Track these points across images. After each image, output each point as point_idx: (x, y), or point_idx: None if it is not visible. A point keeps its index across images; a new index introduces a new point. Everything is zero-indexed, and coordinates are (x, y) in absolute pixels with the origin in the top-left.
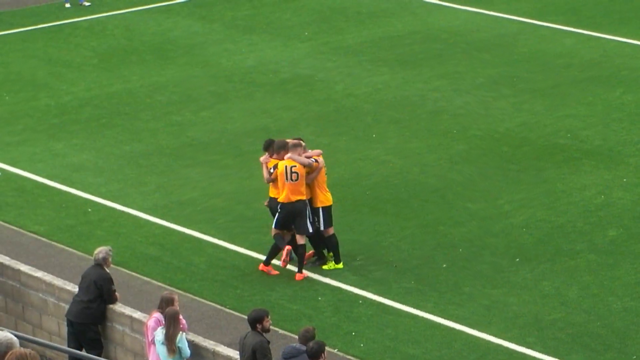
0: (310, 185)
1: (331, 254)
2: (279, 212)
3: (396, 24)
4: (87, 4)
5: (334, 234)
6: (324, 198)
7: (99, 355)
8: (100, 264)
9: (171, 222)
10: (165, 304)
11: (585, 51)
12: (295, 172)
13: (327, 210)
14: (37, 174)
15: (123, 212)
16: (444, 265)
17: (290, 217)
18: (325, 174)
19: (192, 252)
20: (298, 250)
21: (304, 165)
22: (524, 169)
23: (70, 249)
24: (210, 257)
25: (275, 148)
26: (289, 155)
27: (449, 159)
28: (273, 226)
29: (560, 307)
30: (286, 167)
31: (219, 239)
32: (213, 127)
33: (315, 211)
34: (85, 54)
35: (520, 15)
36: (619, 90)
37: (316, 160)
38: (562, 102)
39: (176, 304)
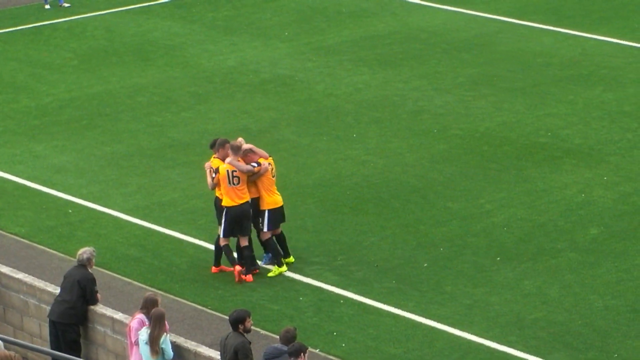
0: (256, 187)
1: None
2: (225, 218)
3: (376, 24)
4: (66, 5)
5: (271, 238)
6: (271, 200)
7: (78, 357)
8: (84, 265)
9: (152, 223)
10: (150, 305)
11: (565, 50)
12: (236, 177)
13: (272, 212)
14: (17, 176)
15: (104, 213)
16: (425, 265)
17: (237, 220)
18: (274, 176)
19: (173, 253)
20: (243, 252)
21: (243, 172)
22: (504, 168)
23: (51, 251)
24: (191, 258)
25: (217, 146)
26: (228, 160)
27: (429, 158)
28: (222, 236)
29: (542, 306)
30: (227, 171)
31: (200, 239)
32: (193, 127)
33: (260, 213)
34: (65, 55)
35: (500, 14)
36: (598, 89)
37: (258, 164)
38: (542, 101)
39: (160, 305)
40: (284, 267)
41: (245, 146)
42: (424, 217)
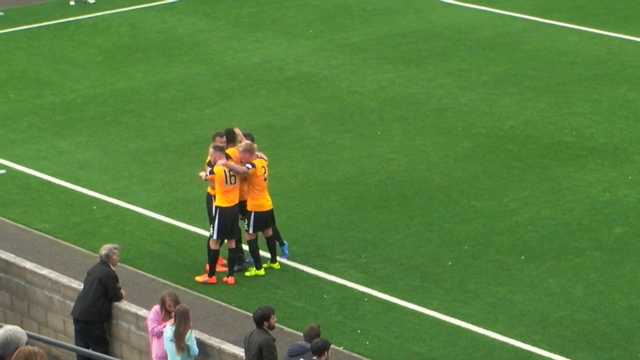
0: (245, 188)
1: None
2: (218, 220)
3: (401, 22)
4: (91, 1)
5: (253, 239)
6: (258, 203)
7: (105, 353)
8: (105, 262)
9: (176, 220)
10: (173, 303)
11: (590, 49)
12: (233, 176)
13: (258, 215)
14: (42, 172)
15: (128, 209)
16: (450, 263)
17: (230, 221)
18: (266, 179)
19: (198, 250)
20: (230, 254)
21: (239, 173)
22: (528, 166)
23: (76, 247)
24: None
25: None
26: (223, 162)
27: (454, 156)
28: (215, 237)
29: (566, 305)
30: (225, 171)
31: None
32: (218, 124)
33: (247, 214)
34: (89, 51)
35: (525, 12)
36: (623, 88)
37: (253, 166)
38: (567, 99)
39: (171, 301)
40: (262, 271)
41: (245, 143)
42: (448, 215)
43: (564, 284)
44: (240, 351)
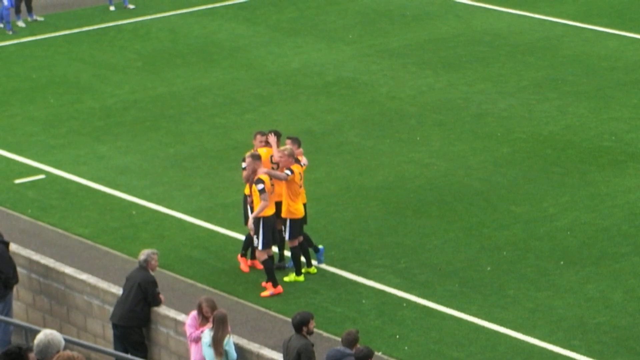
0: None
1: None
2: (263, 229)
3: (440, 27)
4: (131, 6)
5: (296, 246)
6: (294, 209)
7: (143, 358)
8: (143, 267)
9: (215, 225)
10: (210, 308)
11: (630, 53)
12: (273, 184)
13: (293, 222)
14: (81, 177)
15: (167, 214)
16: (489, 268)
17: (273, 229)
18: (301, 187)
19: (236, 255)
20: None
21: (279, 179)
22: (568, 172)
23: (115, 252)
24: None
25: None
26: (265, 170)
27: (493, 161)
28: (260, 249)
29: (605, 310)
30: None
31: None
32: (257, 129)
33: (283, 220)
34: (129, 56)
35: (564, 17)
36: None
37: (292, 172)
38: (607, 104)
39: (207, 306)
40: (302, 277)
41: (290, 148)
42: (487, 220)
43: (603, 289)
44: (278, 356)
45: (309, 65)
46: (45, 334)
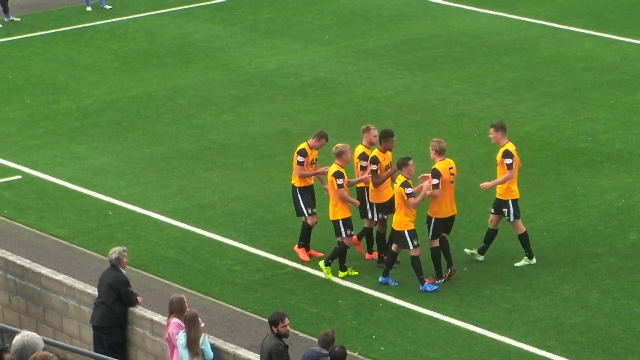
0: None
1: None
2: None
3: (417, 28)
4: (108, 7)
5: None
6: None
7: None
8: (114, 265)
9: (192, 225)
10: (177, 306)
11: (606, 54)
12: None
13: (345, 221)
14: (57, 177)
15: (144, 215)
16: (465, 269)
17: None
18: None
19: (213, 256)
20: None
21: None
22: (544, 172)
23: (91, 252)
24: (230, 261)
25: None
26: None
27: (469, 162)
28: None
29: (581, 311)
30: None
31: (240, 242)
32: (233, 130)
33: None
34: (106, 57)
35: (541, 18)
36: None
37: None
38: (583, 105)
39: (185, 303)
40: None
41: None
42: (463, 220)
43: (579, 289)
44: (255, 357)
45: (286, 65)
46: (23, 336)
